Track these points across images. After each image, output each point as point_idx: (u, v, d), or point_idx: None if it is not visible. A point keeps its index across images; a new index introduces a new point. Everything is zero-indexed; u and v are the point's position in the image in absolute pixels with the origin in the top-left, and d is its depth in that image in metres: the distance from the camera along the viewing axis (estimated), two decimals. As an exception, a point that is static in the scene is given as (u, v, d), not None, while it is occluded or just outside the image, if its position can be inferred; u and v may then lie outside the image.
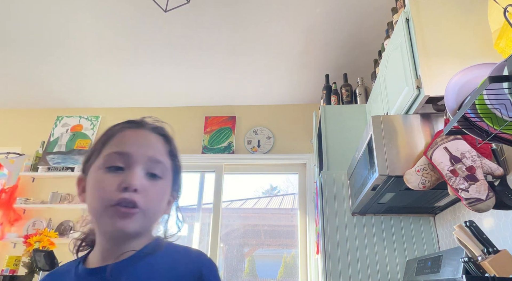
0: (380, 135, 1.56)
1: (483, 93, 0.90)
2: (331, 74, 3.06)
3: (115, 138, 0.66)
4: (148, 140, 0.66)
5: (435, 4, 1.60)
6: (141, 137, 0.66)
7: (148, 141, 0.66)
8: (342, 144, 2.38)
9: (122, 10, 2.51)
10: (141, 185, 0.60)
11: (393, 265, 2.02)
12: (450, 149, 1.34)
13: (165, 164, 0.66)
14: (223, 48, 2.89)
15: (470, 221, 1.29)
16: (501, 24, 1.21)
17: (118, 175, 0.61)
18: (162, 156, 0.66)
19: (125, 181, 0.60)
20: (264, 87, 3.43)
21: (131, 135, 0.66)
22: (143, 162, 0.63)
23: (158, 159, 0.65)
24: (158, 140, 0.68)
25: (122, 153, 0.62)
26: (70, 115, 3.84)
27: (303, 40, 2.77)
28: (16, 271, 2.85)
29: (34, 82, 3.43)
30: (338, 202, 2.20)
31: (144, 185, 0.61)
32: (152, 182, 0.63)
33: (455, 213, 1.85)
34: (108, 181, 0.60)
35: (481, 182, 1.23)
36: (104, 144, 0.66)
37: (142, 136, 0.66)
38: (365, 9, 2.45)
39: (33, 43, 2.88)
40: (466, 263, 1.23)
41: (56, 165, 3.53)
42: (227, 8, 2.47)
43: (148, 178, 0.63)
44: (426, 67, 1.48)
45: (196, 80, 3.32)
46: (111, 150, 0.63)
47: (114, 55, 3.00)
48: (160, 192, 0.65)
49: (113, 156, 0.62)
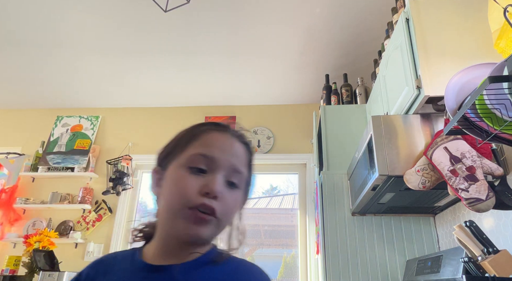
0: (380, 135, 1.56)
1: (483, 93, 0.90)
2: (331, 74, 3.06)
3: (201, 138, 0.64)
4: (233, 147, 0.65)
5: (435, 4, 1.60)
6: (227, 142, 0.65)
7: (233, 148, 0.65)
8: (342, 144, 2.38)
9: (122, 10, 2.51)
10: (221, 193, 0.59)
11: (393, 265, 2.02)
12: (450, 149, 1.34)
13: (244, 174, 0.65)
14: (223, 48, 2.89)
15: (470, 221, 1.29)
16: (501, 24, 1.21)
17: (200, 177, 0.59)
18: (243, 166, 0.65)
19: (207, 186, 0.58)
20: (264, 87, 3.42)
21: (217, 138, 0.64)
22: (225, 169, 0.61)
23: (239, 168, 0.63)
24: (242, 149, 0.66)
25: (208, 156, 0.61)
26: (70, 115, 3.84)
27: (303, 40, 2.77)
28: (16, 271, 2.85)
29: (34, 82, 3.43)
30: (338, 202, 2.20)
31: (224, 193, 0.60)
32: (230, 191, 0.61)
33: (455, 213, 1.85)
34: (190, 182, 0.59)
35: (481, 182, 1.23)
36: (188, 142, 0.64)
37: (228, 142, 0.65)
38: (365, 9, 2.45)
39: (33, 43, 2.88)
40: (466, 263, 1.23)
41: (56, 165, 3.53)
42: (227, 8, 2.47)
43: (227, 186, 0.61)
44: (426, 67, 1.48)
45: (196, 80, 3.32)
46: (197, 151, 0.62)
47: (114, 55, 3.00)
48: (236, 202, 0.63)
49: (198, 157, 0.61)
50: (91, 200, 3.39)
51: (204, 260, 0.60)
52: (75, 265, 3.09)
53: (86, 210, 3.38)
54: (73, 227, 3.32)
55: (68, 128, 3.77)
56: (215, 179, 0.59)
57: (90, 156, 3.55)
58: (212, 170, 0.60)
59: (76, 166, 3.50)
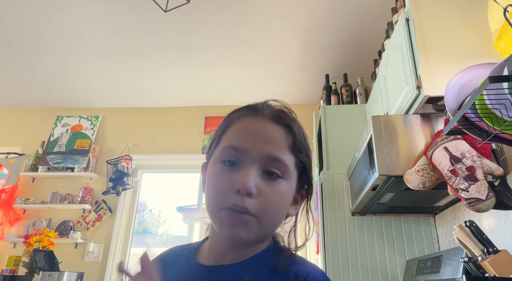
0: (380, 135, 1.56)
1: (483, 93, 0.90)
2: (331, 74, 3.06)
3: (232, 127, 0.59)
4: (265, 132, 0.57)
5: (435, 4, 1.60)
6: (258, 128, 0.58)
7: (266, 133, 0.57)
8: (342, 144, 2.38)
9: (122, 10, 2.51)
10: (255, 188, 0.53)
11: (393, 265, 2.02)
12: (450, 149, 1.33)
13: (286, 161, 0.56)
14: (223, 48, 2.89)
15: (470, 221, 1.29)
16: (501, 24, 1.21)
17: (233, 172, 0.55)
18: (282, 151, 0.57)
19: (238, 182, 0.53)
20: (264, 87, 3.42)
21: (247, 126, 0.58)
22: (259, 159, 0.55)
23: (276, 156, 0.56)
24: (278, 132, 0.58)
25: (237, 148, 0.56)
26: (70, 115, 3.84)
27: (303, 40, 2.77)
28: (16, 271, 2.85)
29: (34, 82, 3.43)
30: (338, 202, 2.20)
31: (260, 187, 0.54)
32: (269, 182, 0.55)
33: (455, 213, 1.85)
34: (223, 178, 0.55)
35: (481, 182, 1.23)
36: (222, 134, 0.60)
37: (261, 128, 0.58)
38: (365, 9, 2.45)
39: (33, 43, 2.88)
40: (466, 263, 1.23)
41: (56, 165, 3.53)
42: (226, 9, 2.47)
43: (265, 178, 0.55)
44: (426, 67, 1.48)
45: (196, 80, 3.33)
46: (227, 143, 0.57)
47: (114, 55, 3.00)
48: (279, 194, 0.56)
49: (228, 150, 0.56)
50: (91, 200, 3.39)
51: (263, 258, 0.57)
52: (75, 265, 3.09)
53: (86, 210, 3.38)
54: (73, 227, 3.32)
55: (68, 128, 3.77)
56: (246, 174, 0.53)
57: (90, 156, 3.55)
58: (244, 163, 0.55)
59: (76, 166, 3.50)
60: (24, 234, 3.11)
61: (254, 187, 0.53)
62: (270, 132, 0.58)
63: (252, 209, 0.53)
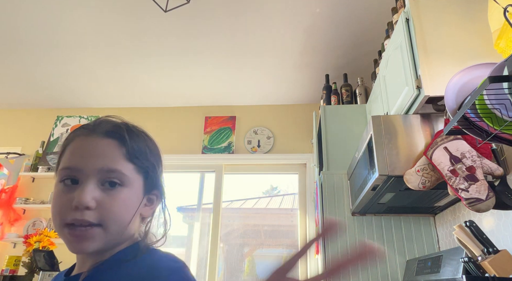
0: (380, 135, 1.56)
1: (483, 93, 0.90)
2: (331, 74, 3.06)
3: (67, 149, 0.62)
4: (96, 148, 0.60)
5: (435, 4, 1.60)
6: (89, 146, 0.60)
7: (97, 149, 0.59)
8: (342, 144, 2.38)
9: (122, 10, 2.51)
10: (93, 201, 0.56)
11: (393, 265, 2.02)
12: (450, 149, 1.34)
13: (122, 170, 0.59)
14: (223, 48, 2.89)
15: (470, 221, 1.29)
16: (501, 24, 1.21)
17: (71, 190, 0.57)
18: (117, 162, 0.59)
19: (75, 198, 0.55)
20: (264, 87, 3.42)
21: (80, 145, 0.61)
22: (94, 174, 0.57)
23: (110, 167, 0.58)
24: (110, 145, 0.60)
25: (71, 168, 0.58)
26: (70, 115, 3.84)
27: (303, 40, 2.77)
28: (16, 271, 2.85)
29: (34, 82, 3.43)
30: (338, 202, 2.20)
31: (98, 199, 0.56)
32: (110, 192, 0.58)
33: (455, 213, 1.85)
34: (62, 197, 0.57)
35: (481, 182, 1.23)
36: (61, 156, 0.62)
37: (91, 145, 0.60)
38: (365, 9, 2.45)
39: (33, 43, 2.88)
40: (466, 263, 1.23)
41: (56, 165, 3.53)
42: (227, 9, 2.47)
43: (105, 189, 0.58)
44: (426, 67, 1.48)
45: (196, 80, 3.32)
46: (63, 165, 0.60)
47: (114, 55, 3.00)
48: (122, 201, 0.58)
49: (64, 171, 0.59)
50: (91, 200, 3.39)
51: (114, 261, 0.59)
52: (75, 265, 3.09)
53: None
54: (73, 227, 3.32)
55: (68, 128, 3.77)
56: (83, 190, 0.56)
57: (90, 156, 3.55)
58: (81, 180, 0.57)
59: (76, 166, 3.50)
60: (24, 234, 3.11)
61: (91, 200, 0.55)
62: (102, 147, 0.60)
63: (94, 220, 0.55)
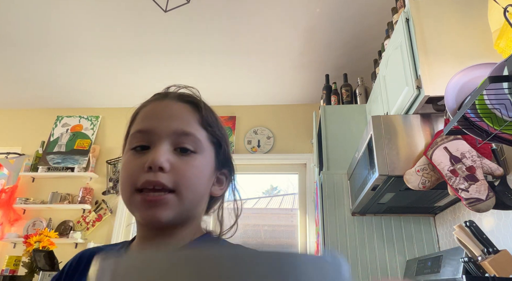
0: (380, 135, 1.56)
1: (483, 93, 0.90)
2: (331, 74, 3.06)
3: (139, 115, 0.59)
4: (171, 110, 0.57)
5: (435, 4, 1.60)
6: (163, 108, 0.57)
7: (171, 111, 0.57)
8: (342, 144, 2.38)
9: (122, 10, 2.51)
10: (167, 162, 0.51)
11: (393, 265, 2.02)
12: (450, 149, 1.33)
13: (196, 134, 0.56)
14: (223, 48, 2.89)
15: (470, 221, 1.29)
16: (501, 24, 1.21)
17: (143, 155, 0.53)
18: (191, 126, 0.56)
19: (149, 160, 0.51)
20: (264, 87, 3.43)
21: (152, 108, 0.58)
22: (168, 136, 0.54)
23: (185, 130, 0.55)
24: (184, 109, 0.58)
25: (143, 130, 0.55)
26: (70, 115, 3.84)
27: (303, 40, 2.77)
28: (16, 271, 2.85)
29: (34, 82, 3.43)
30: (338, 202, 2.20)
31: (172, 162, 0.52)
32: (183, 158, 0.53)
33: (455, 213, 1.85)
34: (133, 162, 0.53)
35: (481, 182, 1.23)
36: (131, 124, 0.60)
37: (165, 107, 0.57)
38: (365, 9, 2.45)
39: (33, 43, 2.88)
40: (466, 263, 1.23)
41: (56, 165, 3.53)
42: (227, 9, 2.47)
43: (178, 154, 0.54)
44: (426, 67, 1.48)
45: (196, 80, 3.32)
46: (134, 130, 0.57)
47: (114, 55, 3.00)
48: (195, 167, 0.54)
49: (136, 135, 0.55)
50: (91, 200, 3.39)
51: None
52: (75, 265, 3.09)
53: (86, 210, 3.38)
54: (73, 227, 3.32)
55: (68, 128, 3.77)
56: (156, 151, 0.52)
57: (90, 156, 3.56)
58: (153, 143, 0.54)
59: (76, 166, 3.50)
60: (24, 234, 3.11)
61: (166, 161, 0.51)
62: (176, 110, 0.57)
63: (168, 183, 0.51)
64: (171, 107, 0.57)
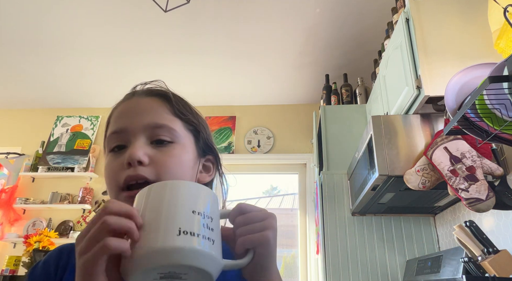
0: (380, 135, 1.56)
1: (483, 93, 0.90)
2: (331, 74, 3.06)
3: (112, 118, 0.60)
4: (140, 106, 0.57)
5: (435, 4, 1.60)
6: (133, 106, 0.58)
7: (141, 107, 0.57)
8: (342, 144, 2.38)
9: (122, 10, 2.51)
10: (145, 155, 0.52)
11: (393, 265, 2.02)
12: (450, 149, 1.34)
13: (170, 125, 0.56)
14: (223, 48, 2.89)
15: (470, 221, 1.29)
16: (501, 24, 1.21)
17: (121, 154, 0.54)
18: (163, 117, 0.57)
19: (126, 156, 0.52)
20: (264, 87, 3.42)
21: (123, 108, 0.59)
22: (142, 131, 0.54)
23: (157, 122, 0.55)
24: (153, 102, 0.58)
25: (117, 131, 0.56)
26: (70, 115, 3.84)
27: (303, 40, 2.77)
28: (16, 271, 2.85)
29: (34, 82, 3.43)
30: (338, 202, 2.20)
31: (151, 154, 0.53)
32: (161, 149, 0.54)
33: (455, 213, 1.85)
34: (113, 163, 0.54)
35: (481, 182, 1.23)
36: (107, 128, 0.61)
37: (134, 105, 0.58)
38: (365, 9, 2.45)
39: (33, 43, 2.88)
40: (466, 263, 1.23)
41: (56, 165, 3.53)
42: (227, 9, 2.47)
43: (155, 147, 0.54)
44: (426, 67, 1.48)
45: (196, 80, 3.32)
46: (109, 132, 0.58)
47: (114, 55, 3.00)
48: (175, 157, 0.54)
49: (112, 136, 0.56)
50: (91, 200, 3.39)
51: None
52: (75, 265, 3.09)
53: (86, 210, 3.37)
54: (73, 227, 3.32)
55: (68, 128, 3.77)
56: (132, 147, 0.53)
57: (90, 156, 3.56)
58: (129, 141, 0.54)
59: (76, 166, 3.50)
60: (24, 234, 3.11)
61: (143, 155, 0.52)
62: (144, 105, 0.57)
63: (150, 176, 0.51)
64: (140, 103, 0.58)
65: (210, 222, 0.40)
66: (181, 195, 0.40)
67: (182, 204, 0.39)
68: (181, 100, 0.62)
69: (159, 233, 0.37)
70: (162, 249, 0.36)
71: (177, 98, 0.62)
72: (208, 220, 0.40)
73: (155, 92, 0.60)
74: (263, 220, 0.44)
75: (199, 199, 0.41)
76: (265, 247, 0.42)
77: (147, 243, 0.37)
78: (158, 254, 0.36)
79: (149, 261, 0.36)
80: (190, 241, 0.37)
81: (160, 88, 0.62)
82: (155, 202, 0.40)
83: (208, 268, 0.38)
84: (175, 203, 0.39)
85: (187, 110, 0.61)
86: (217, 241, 0.40)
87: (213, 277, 0.39)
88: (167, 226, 0.37)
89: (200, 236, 0.38)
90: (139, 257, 0.36)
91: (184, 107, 0.61)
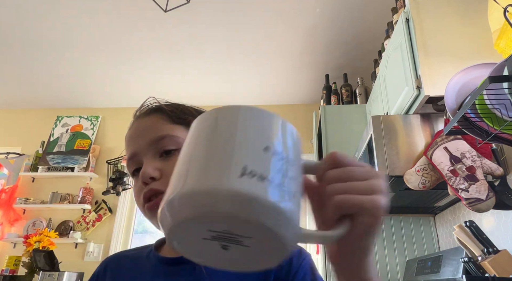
0: (380, 135, 1.56)
1: (483, 93, 0.90)
2: (331, 74, 3.06)
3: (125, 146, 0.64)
4: (140, 127, 0.61)
5: (435, 4, 1.60)
6: (134, 130, 0.61)
7: (141, 128, 0.61)
8: (342, 144, 2.38)
9: (122, 10, 2.51)
10: (156, 170, 0.55)
11: (393, 265, 2.02)
12: (450, 149, 1.33)
13: (171, 133, 0.58)
14: (223, 48, 2.89)
15: (470, 221, 1.29)
16: (501, 24, 1.21)
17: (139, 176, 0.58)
18: (163, 128, 0.59)
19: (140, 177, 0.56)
20: (264, 87, 3.42)
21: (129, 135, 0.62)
22: (148, 149, 0.57)
23: (158, 135, 0.58)
24: (150, 119, 0.61)
25: (130, 157, 0.60)
26: (70, 115, 3.84)
27: (303, 40, 2.77)
28: (16, 271, 2.85)
29: (34, 82, 3.43)
30: (338, 202, 2.20)
31: (160, 167, 0.55)
32: (170, 158, 0.57)
33: (455, 213, 1.84)
34: (136, 186, 0.59)
35: (481, 182, 1.23)
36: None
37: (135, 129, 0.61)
38: (365, 9, 2.45)
39: (33, 43, 2.88)
40: (466, 263, 1.23)
41: (56, 165, 3.53)
42: (226, 9, 2.47)
43: (165, 158, 0.57)
44: (426, 67, 1.48)
45: (196, 80, 3.33)
46: (126, 159, 0.62)
47: (114, 55, 3.00)
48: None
49: (128, 163, 0.61)
50: (91, 200, 3.39)
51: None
52: (75, 265, 3.09)
53: (86, 210, 3.37)
54: (73, 227, 3.32)
55: (68, 128, 3.77)
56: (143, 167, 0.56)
57: (90, 156, 3.55)
58: (141, 163, 0.58)
59: (76, 166, 3.50)
60: (24, 234, 3.11)
61: (153, 170, 0.55)
62: (143, 125, 0.61)
63: (161, 187, 0.54)
64: (140, 125, 0.61)
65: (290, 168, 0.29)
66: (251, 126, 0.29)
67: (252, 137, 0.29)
68: (177, 106, 0.64)
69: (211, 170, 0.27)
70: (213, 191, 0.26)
71: (172, 106, 0.63)
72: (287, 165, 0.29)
73: (150, 110, 0.63)
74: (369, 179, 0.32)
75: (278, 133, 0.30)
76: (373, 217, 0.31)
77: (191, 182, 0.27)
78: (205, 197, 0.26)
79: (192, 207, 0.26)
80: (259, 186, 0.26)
81: (152, 105, 0.64)
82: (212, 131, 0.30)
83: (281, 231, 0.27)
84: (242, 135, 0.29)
85: (186, 113, 0.63)
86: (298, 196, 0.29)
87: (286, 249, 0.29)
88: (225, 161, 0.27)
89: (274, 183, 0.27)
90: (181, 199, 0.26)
91: (182, 112, 0.62)
